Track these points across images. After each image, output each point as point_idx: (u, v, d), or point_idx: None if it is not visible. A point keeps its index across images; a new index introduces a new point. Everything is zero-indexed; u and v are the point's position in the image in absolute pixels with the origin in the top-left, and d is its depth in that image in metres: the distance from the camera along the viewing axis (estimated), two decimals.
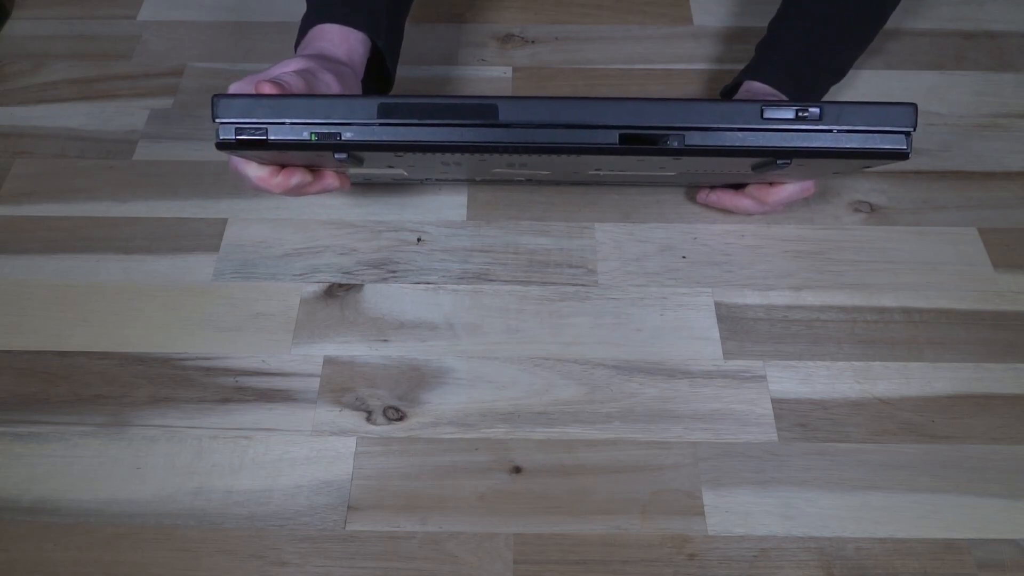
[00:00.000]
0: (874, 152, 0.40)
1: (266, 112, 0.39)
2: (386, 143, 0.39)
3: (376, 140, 0.39)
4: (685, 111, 0.39)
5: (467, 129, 0.39)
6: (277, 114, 0.39)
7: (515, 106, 0.39)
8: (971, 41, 0.73)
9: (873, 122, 0.39)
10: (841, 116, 0.39)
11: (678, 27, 0.74)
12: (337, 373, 0.53)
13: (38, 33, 0.74)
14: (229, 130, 0.39)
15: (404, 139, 0.39)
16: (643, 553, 0.47)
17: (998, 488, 0.49)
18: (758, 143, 0.39)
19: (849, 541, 0.47)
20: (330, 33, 0.50)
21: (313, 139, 0.39)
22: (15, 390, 0.53)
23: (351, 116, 0.39)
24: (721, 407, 0.52)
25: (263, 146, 0.39)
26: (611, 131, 0.39)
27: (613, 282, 0.57)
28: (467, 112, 0.39)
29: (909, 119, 0.39)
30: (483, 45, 0.73)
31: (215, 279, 0.57)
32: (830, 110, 0.39)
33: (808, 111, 0.39)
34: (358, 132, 0.39)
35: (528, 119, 0.39)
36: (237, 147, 0.40)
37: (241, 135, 0.39)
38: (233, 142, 0.39)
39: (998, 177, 0.63)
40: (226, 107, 0.39)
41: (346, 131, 0.39)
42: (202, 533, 0.47)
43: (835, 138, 0.39)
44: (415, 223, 0.61)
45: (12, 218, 0.61)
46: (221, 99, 0.39)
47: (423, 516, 0.48)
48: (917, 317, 0.56)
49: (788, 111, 0.39)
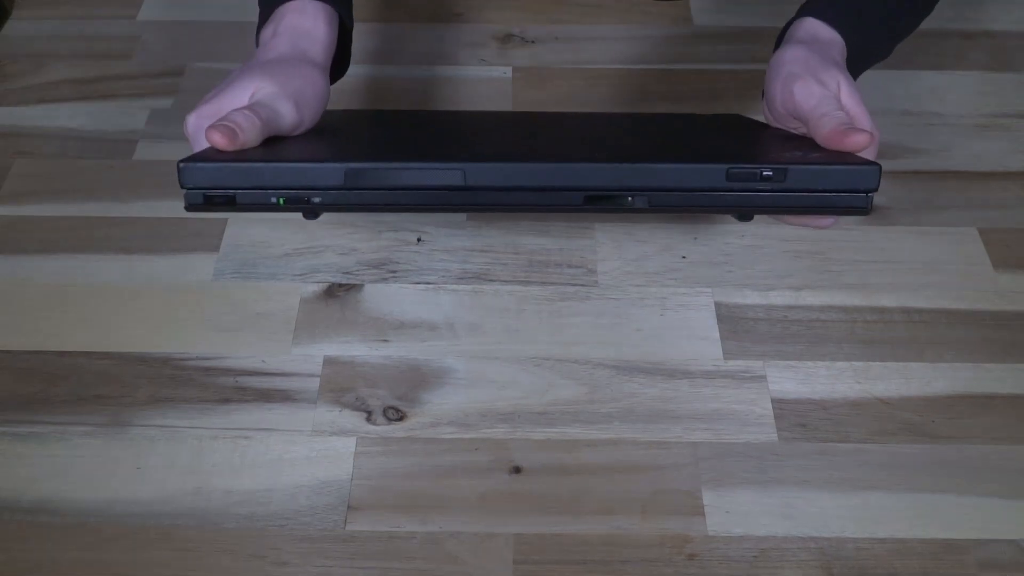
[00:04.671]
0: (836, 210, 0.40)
1: (234, 179, 0.39)
2: (352, 205, 0.40)
3: (344, 203, 0.40)
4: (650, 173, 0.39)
5: (433, 193, 0.40)
6: (245, 181, 0.39)
7: (481, 170, 0.39)
8: (971, 41, 0.73)
9: (838, 184, 0.39)
10: (806, 178, 0.39)
11: (678, 27, 0.74)
12: (337, 373, 0.53)
13: (38, 33, 0.74)
14: (197, 196, 0.40)
15: (371, 202, 0.40)
16: (643, 553, 0.47)
17: (998, 488, 0.49)
18: (722, 203, 0.40)
19: (849, 541, 0.47)
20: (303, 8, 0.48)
21: (281, 203, 0.40)
22: (15, 390, 0.53)
23: (319, 181, 0.39)
24: (721, 407, 0.52)
25: (232, 208, 0.40)
26: (576, 193, 0.39)
27: (613, 282, 0.58)
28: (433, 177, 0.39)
29: (873, 180, 0.39)
30: (483, 45, 0.73)
31: (215, 279, 0.57)
32: (794, 172, 0.39)
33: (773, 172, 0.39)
34: (326, 196, 0.40)
35: (493, 183, 0.39)
36: (206, 209, 0.40)
37: (209, 201, 0.39)
38: (201, 206, 0.40)
39: (998, 177, 0.63)
40: (191, 175, 0.39)
41: (314, 196, 0.40)
42: (202, 533, 0.47)
43: (798, 198, 0.40)
44: (415, 223, 0.61)
45: (12, 218, 0.61)
46: (187, 167, 0.39)
47: (423, 516, 0.48)
48: (917, 317, 0.56)
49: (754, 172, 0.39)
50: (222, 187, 0.39)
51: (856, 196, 0.39)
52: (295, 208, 0.40)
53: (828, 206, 0.40)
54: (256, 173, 0.39)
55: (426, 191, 0.39)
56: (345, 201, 0.40)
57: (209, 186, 0.39)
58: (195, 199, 0.39)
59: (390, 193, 0.40)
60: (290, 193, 0.39)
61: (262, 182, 0.39)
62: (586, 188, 0.39)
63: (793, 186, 0.39)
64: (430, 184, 0.39)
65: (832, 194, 0.39)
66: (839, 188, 0.39)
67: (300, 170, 0.39)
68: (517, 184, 0.39)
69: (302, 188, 0.39)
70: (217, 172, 0.39)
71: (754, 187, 0.39)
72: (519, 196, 0.39)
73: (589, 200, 0.39)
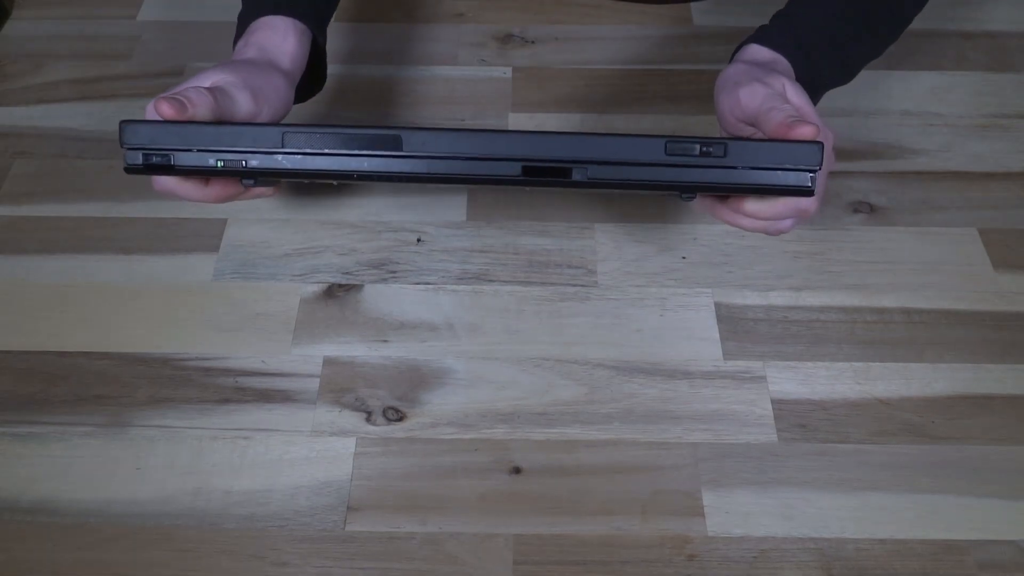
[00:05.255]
0: (777, 189, 0.40)
1: (172, 139, 0.40)
2: (290, 171, 0.40)
3: (281, 168, 0.40)
4: (589, 145, 0.39)
5: (370, 159, 0.40)
6: (183, 141, 0.40)
7: (419, 137, 0.39)
8: (971, 41, 0.73)
9: (778, 161, 0.39)
10: (746, 154, 0.39)
11: (678, 27, 0.74)
12: (337, 373, 0.53)
13: (38, 33, 0.74)
14: (136, 156, 0.40)
15: (308, 167, 0.40)
16: (643, 554, 0.47)
17: (998, 488, 0.49)
18: (662, 178, 0.40)
19: (849, 542, 0.47)
20: (274, 24, 0.50)
21: (219, 166, 0.40)
22: (15, 390, 0.53)
23: (256, 145, 0.40)
24: (721, 408, 0.52)
25: (169, 171, 0.40)
26: (514, 163, 0.39)
27: (613, 282, 0.58)
28: (371, 142, 0.39)
29: (815, 158, 0.39)
30: (483, 45, 0.73)
31: (215, 279, 0.57)
32: (735, 147, 0.39)
33: (712, 147, 0.39)
34: (263, 160, 0.40)
35: (431, 150, 0.39)
36: (145, 172, 0.40)
37: (148, 161, 0.40)
38: (140, 167, 0.40)
39: (998, 177, 0.63)
40: (132, 133, 0.40)
41: (251, 159, 0.40)
42: (202, 533, 0.47)
43: (739, 174, 0.39)
44: (415, 223, 0.61)
45: (12, 218, 0.61)
46: (127, 125, 0.39)
47: (423, 516, 0.48)
48: (917, 317, 0.56)
49: (692, 147, 0.39)
50: (161, 147, 0.40)
51: (799, 175, 0.39)
52: (233, 172, 0.40)
53: (770, 185, 0.39)
54: (195, 134, 0.40)
55: (363, 157, 0.39)
56: (281, 166, 0.40)
57: (148, 145, 0.39)
58: (134, 159, 0.40)
59: (327, 158, 0.40)
60: (227, 155, 0.40)
61: (201, 143, 0.40)
62: (523, 158, 0.39)
63: (733, 162, 0.39)
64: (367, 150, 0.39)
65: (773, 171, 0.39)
66: (780, 165, 0.39)
67: (238, 132, 0.40)
68: (455, 152, 0.39)
69: (240, 151, 0.40)
70: (156, 132, 0.40)
71: (694, 161, 0.39)
72: (456, 165, 0.39)
73: (527, 171, 0.39)
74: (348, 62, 0.72)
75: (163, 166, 0.40)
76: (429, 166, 0.39)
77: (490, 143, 0.39)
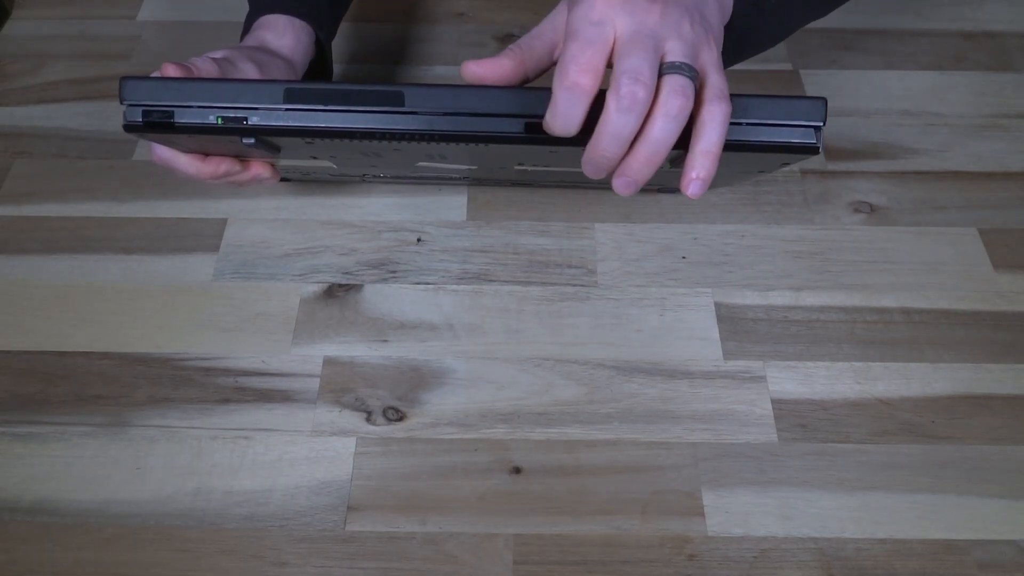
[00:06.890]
0: (783, 146, 0.39)
1: (173, 95, 0.39)
2: (292, 128, 0.40)
3: (282, 125, 0.40)
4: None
5: (373, 116, 0.39)
6: (184, 97, 0.39)
7: (421, 93, 0.39)
8: (971, 41, 0.73)
9: (781, 116, 0.38)
10: (749, 109, 0.38)
11: None
12: (337, 373, 0.53)
13: (38, 33, 0.74)
14: (136, 112, 0.39)
15: (310, 124, 0.40)
16: (643, 553, 0.47)
17: (998, 488, 0.49)
18: None
19: (849, 542, 0.47)
20: (275, 22, 0.51)
21: (219, 123, 0.39)
22: (15, 390, 0.53)
23: (257, 101, 0.39)
24: (721, 407, 0.52)
25: (170, 129, 0.40)
26: (517, 120, 0.39)
27: (613, 282, 0.57)
28: (373, 98, 0.39)
29: (819, 113, 0.38)
30: (483, 45, 0.73)
31: (215, 279, 0.57)
32: (738, 102, 0.38)
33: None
34: (264, 116, 0.39)
35: (434, 107, 0.39)
36: (144, 130, 0.40)
37: (148, 118, 0.39)
38: (140, 124, 0.39)
39: (998, 177, 0.63)
40: (133, 89, 0.39)
41: (252, 115, 0.39)
42: (202, 533, 0.47)
43: (743, 131, 0.39)
44: (415, 223, 0.61)
45: (12, 218, 0.61)
46: (128, 81, 0.39)
47: (423, 516, 0.48)
48: (917, 317, 0.56)
49: None
50: (161, 104, 0.39)
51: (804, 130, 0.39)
52: (233, 129, 0.40)
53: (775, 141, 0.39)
54: (196, 90, 0.39)
55: (365, 114, 0.39)
56: (283, 123, 0.40)
57: (148, 102, 0.39)
58: (134, 115, 0.39)
59: (329, 114, 0.39)
60: (228, 111, 0.39)
61: (202, 99, 0.39)
62: (527, 115, 0.39)
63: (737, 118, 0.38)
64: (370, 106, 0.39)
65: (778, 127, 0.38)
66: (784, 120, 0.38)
67: (239, 88, 0.39)
68: (457, 109, 0.39)
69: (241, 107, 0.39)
70: (157, 87, 0.39)
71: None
72: (458, 121, 0.39)
73: (530, 128, 0.39)
74: (349, 62, 0.72)
75: (163, 124, 0.39)
76: (431, 123, 0.39)
77: (493, 100, 0.39)
